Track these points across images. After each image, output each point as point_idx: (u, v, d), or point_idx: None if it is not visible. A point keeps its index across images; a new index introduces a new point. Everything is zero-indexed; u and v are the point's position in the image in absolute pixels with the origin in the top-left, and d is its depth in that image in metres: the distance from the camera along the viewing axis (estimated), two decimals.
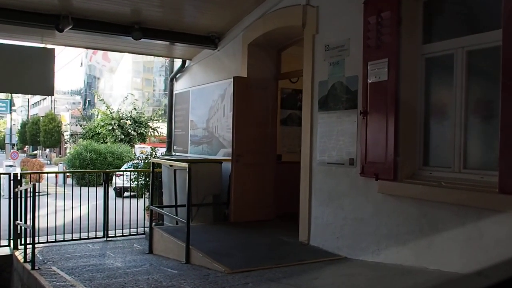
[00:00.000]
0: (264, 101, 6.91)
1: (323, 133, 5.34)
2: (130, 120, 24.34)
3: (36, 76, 7.19)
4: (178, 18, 7.21)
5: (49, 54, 7.27)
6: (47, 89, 7.42)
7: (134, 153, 21.43)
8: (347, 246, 4.95)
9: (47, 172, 9.37)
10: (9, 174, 7.11)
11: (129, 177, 8.80)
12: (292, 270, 4.40)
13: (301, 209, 5.64)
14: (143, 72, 47.34)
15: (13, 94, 39.46)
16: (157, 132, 25.52)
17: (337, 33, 5.18)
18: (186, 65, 8.85)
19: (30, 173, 8.31)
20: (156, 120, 26.35)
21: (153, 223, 7.07)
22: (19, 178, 6.86)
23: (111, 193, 7.90)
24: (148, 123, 25.14)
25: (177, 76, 9.23)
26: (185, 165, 5.53)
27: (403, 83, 4.38)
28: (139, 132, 24.56)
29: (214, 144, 7.82)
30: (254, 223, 6.67)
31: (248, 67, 6.89)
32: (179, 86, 9.22)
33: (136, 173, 8.32)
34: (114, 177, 10.61)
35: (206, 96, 8.12)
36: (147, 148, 16.45)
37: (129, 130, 24.10)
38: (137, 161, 8.76)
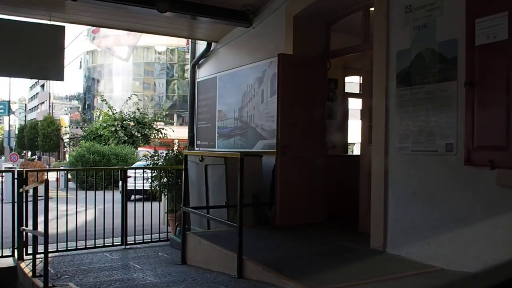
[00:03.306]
0: (312, 82, 5.87)
1: (404, 113, 4.31)
2: (134, 121, 23.42)
3: (44, 57, 6.15)
4: None
5: (59, 32, 6.23)
6: (56, 73, 6.37)
7: (138, 154, 20.40)
8: (444, 254, 3.92)
9: (57, 170, 8.31)
10: (12, 172, 6.07)
11: (145, 177, 7.69)
12: (389, 287, 3.36)
13: (373, 209, 4.60)
14: (144, 75, 46.23)
15: (10, 99, 38.42)
16: (161, 134, 24.57)
17: None
18: (211, 48, 7.81)
19: (37, 171, 7.25)
20: (160, 121, 25.45)
21: (180, 228, 6.09)
22: (24, 177, 5.82)
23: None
24: (152, 124, 24.26)
25: (200, 61, 8.16)
26: (237, 155, 4.48)
27: None
28: (143, 133, 23.66)
29: (250, 136, 6.76)
30: (304, 227, 5.63)
31: (294, 43, 5.86)
32: (203, 73, 8.14)
33: (156, 172, 7.24)
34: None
35: (239, 81, 7.06)
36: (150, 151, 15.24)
37: (133, 132, 23.16)
38: (157, 157, 7.64)
